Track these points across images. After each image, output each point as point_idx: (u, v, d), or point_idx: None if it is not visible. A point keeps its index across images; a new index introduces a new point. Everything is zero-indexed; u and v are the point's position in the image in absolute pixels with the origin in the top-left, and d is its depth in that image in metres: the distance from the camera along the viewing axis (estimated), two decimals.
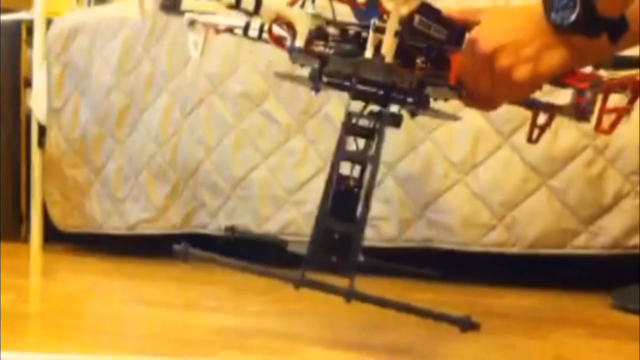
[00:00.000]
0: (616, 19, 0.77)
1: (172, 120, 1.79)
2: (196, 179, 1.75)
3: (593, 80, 0.87)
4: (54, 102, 1.98)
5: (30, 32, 2.07)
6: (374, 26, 0.85)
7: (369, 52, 0.85)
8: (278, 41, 0.93)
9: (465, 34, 0.87)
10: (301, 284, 0.93)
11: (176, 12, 0.95)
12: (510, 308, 1.30)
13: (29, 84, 2.09)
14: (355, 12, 0.90)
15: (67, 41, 1.96)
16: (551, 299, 1.40)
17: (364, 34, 0.87)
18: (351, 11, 0.91)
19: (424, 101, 0.97)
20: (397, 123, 0.97)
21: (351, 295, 0.92)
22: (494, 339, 1.02)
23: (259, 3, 0.87)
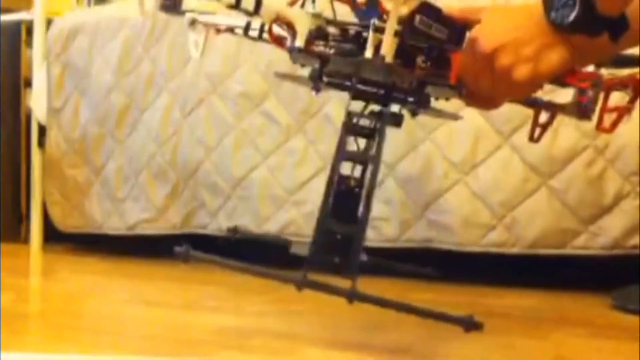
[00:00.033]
0: (616, 17, 0.77)
1: (172, 120, 1.79)
2: (196, 179, 1.75)
3: (594, 80, 0.87)
4: (54, 102, 1.98)
5: (30, 32, 2.07)
6: (373, 26, 0.85)
7: (369, 52, 0.85)
8: (278, 41, 0.93)
9: (466, 33, 0.87)
10: (303, 285, 0.92)
11: (176, 12, 0.95)
12: (510, 308, 1.30)
13: (29, 84, 2.09)
14: (356, 11, 0.90)
15: (67, 41, 1.97)
16: (551, 299, 1.40)
17: (365, 33, 0.87)
18: (351, 11, 0.91)
19: (425, 100, 0.97)
20: (397, 122, 0.96)
21: (353, 296, 0.92)
22: (494, 339, 1.02)
23: (259, 3, 0.87)
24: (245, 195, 1.69)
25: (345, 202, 0.92)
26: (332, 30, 0.90)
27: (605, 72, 0.91)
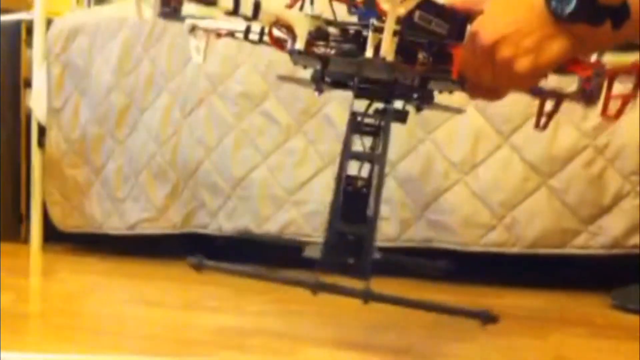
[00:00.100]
0: (617, 5, 0.77)
1: (172, 120, 1.79)
2: (196, 179, 1.75)
3: (596, 69, 0.86)
4: (54, 102, 1.98)
5: (30, 32, 2.07)
6: (372, 27, 0.85)
7: (369, 52, 0.85)
8: (279, 44, 0.93)
9: (467, 26, 0.87)
10: (317, 287, 0.91)
11: (176, 19, 0.94)
12: (510, 308, 1.30)
13: (29, 84, 2.09)
14: (353, 10, 0.90)
15: (67, 41, 1.96)
16: (551, 299, 1.40)
17: (364, 32, 0.87)
18: (347, 11, 0.91)
19: (428, 96, 0.97)
20: (402, 119, 0.96)
21: (368, 296, 0.91)
22: (494, 339, 1.02)
23: (257, 8, 0.86)
24: (245, 195, 1.69)
25: (353, 203, 0.92)
26: (332, 30, 0.90)
27: (610, 57, 0.91)
